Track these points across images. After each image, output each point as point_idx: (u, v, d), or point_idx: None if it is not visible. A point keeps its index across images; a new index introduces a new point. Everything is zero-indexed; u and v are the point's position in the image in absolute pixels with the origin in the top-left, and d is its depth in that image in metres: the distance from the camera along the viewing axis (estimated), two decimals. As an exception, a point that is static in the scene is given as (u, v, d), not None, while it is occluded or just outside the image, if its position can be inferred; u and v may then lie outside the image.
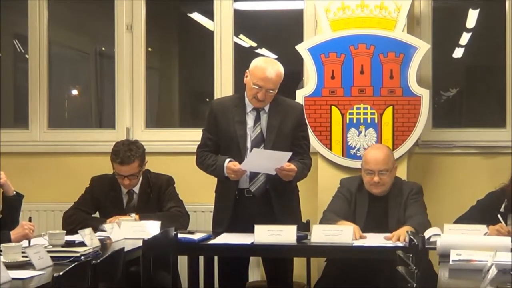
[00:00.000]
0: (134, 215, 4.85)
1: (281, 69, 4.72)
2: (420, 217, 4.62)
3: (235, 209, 4.72)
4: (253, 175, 4.71)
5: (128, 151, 4.92)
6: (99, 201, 5.04)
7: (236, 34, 6.01)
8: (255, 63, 4.73)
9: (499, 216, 4.32)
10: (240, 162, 4.60)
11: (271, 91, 4.66)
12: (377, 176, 4.71)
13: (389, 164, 4.75)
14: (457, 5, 6.23)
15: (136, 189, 5.03)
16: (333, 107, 5.39)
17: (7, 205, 4.44)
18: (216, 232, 4.71)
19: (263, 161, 4.59)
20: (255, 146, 4.70)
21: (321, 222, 4.69)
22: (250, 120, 4.76)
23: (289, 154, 4.58)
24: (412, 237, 4.01)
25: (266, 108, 4.75)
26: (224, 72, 5.87)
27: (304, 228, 4.78)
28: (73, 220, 4.89)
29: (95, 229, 4.48)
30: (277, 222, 4.51)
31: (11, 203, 4.45)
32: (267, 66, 4.68)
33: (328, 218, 4.68)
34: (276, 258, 4.72)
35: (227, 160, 4.67)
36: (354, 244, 4.32)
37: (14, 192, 4.47)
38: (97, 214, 5.08)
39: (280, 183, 4.66)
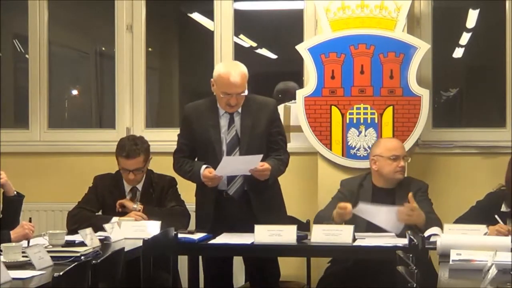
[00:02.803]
0: (138, 204, 4.88)
1: (244, 69, 4.71)
2: (434, 215, 4.67)
3: (215, 211, 4.72)
4: (231, 178, 4.71)
5: (133, 145, 4.95)
6: (103, 200, 5.04)
7: (236, 34, 6.00)
8: (217, 71, 4.72)
9: (496, 216, 4.33)
10: (216, 166, 4.60)
11: (241, 94, 4.66)
12: (403, 161, 4.79)
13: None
14: (457, 5, 6.23)
15: (140, 186, 5.04)
16: (333, 107, 5.39)
17: (8, 205, 4.44)
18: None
19: (236, 165, 4.61)
20: (231, 148, 4.71)
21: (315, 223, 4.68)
22: (224, 123, 4.76)
23: (260, 156, 4.58)
24: (412, 237, 4.01)
25: (239, 110, 4.74)
26: (224, 72, 5.86)
27: (304, 228, 4.77)
28: (78, 219, 4.89)
29: (100, 227, 4.49)
30: (257, 222, 4.49)
31: (11, 203, 4.45)
32: (230, 71, 4.66)
33: (322, 217, 4.69)
34: (259, 260, 4.71)
35: (203, 167, 4.67)
36: (354, 244, 4.32)
37: (15, 192, 4.47)
38: (100, 213, 5.09)
39: (258, 183, 4.66)
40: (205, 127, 4.75)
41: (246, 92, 4.68)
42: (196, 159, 4.82)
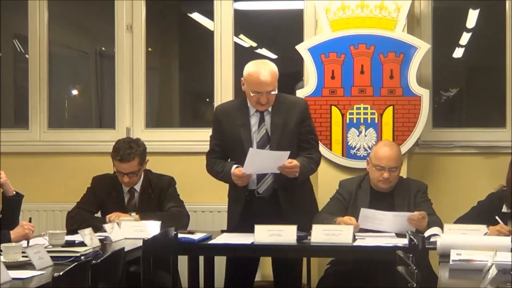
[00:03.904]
0: (134, 215, 4.85)
1: (274, 67, 4.71)
2: (434, 216, 4.65)
3: (246, 211, 4.72)
4: (261, 176, 4.71)
5: (128, 149, 4.93)
6: (102, 200, 5.04)
7: (236, 34, 6.01)
8: (247, 70, 4.71)
9: (497, 217, 4.33)
10: None
11: (271, 92, 4.66)
12: (387, 173, 4.72)
13: (399, 162, 4.80)
14: (457, 5, 6.23)
15: (138, 187, 5.03)
16: (333, 107, 5.39)
17: (7, 205, 4.44)
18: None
19: (263, 161, 4.58)
20: (261, 147, 4.70)
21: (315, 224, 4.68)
22: (254, 122, 4.75)
23: (287, 153, 4.57)
24: (412, 237, 4.01)
25: (269, 108, 4.74)
26: (224, 72, 5.87)
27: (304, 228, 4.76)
28: (77, 220, 4.89)
29: (99, 229, 4.49)
30: (287, 221, 4.49)
31: (10, 203, 4.44)
32: (260, 69, 4.65)
33: (324, 218, 4.68)
34: (285, 259, 4.71)
35: (234, 166, 4.67)
36: (354, 244, 4.32)
37: (14, 192, 4.47)
38: (99, 214, 5.09)
39: (288, 183, 4.65)
40: (235, 126, 4.75)
41: (276, 91, 4.68)
42: (229, 160, 4.82)
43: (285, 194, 4.70)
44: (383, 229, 4.55)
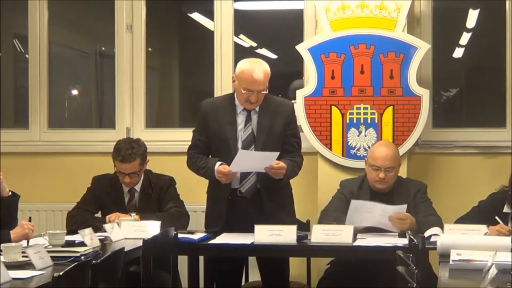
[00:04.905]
0: (134, 215, 4.85)
1: (267, 67, 4.70)
2: (435, 217, 4.65)
3: (228, 209, 4.71)
4: (244, 176, 4.70)
5: (129, 149, 4.93)
6: (101, 200, 5.05)
7: (236, 34, 6.01)
8: (241, 67, 4.70)
9: (496, 217, 4.33)
10: (230, 164, 4.58)
11: (262, 91, 4.66)
12: (383, 173, 4.73)
13: (395, 162, 4.79)
14: (457, 5, 6.23)
15: (138, 187, 5.04)
16: (333, 107, 5.39)
17: (3, 206, 4.43)
18: (209, 232, 4.70)
19: (251, 161, 4.58)
20: (246, 146, 4.69)
21: (321, 222, 4.69)
22: (240, 120, 4.75)
23: (276, 154, 4.56)
24: (412, 237, 4.01)
25: (257, 108, 4.73)
26: (224, 72, 5.87)
27: (304, 228, 4.77)
28: (77, 220, 4.89)
29: (99, 229, 4.49)
30: (268, 221, 4.49)
31: (6, 204, 4.43)
32: (254, 67, 4.64)
33: (328, 216, 4.68)
34: (271, 259, 4.71)
35: (218, 163, 4.66)
36: (354, 244, 4.32)
37: (10, 193, 4.45)
38: (99, 214, 5.09)
39: (271, 183, 4.65)
40: (221, 123, 4.74)
41: (267, 91, 4.68)
42: (210, 156, 4.81)
43: (268, 194, 4.70)
44: (372, 224, 4.53)
